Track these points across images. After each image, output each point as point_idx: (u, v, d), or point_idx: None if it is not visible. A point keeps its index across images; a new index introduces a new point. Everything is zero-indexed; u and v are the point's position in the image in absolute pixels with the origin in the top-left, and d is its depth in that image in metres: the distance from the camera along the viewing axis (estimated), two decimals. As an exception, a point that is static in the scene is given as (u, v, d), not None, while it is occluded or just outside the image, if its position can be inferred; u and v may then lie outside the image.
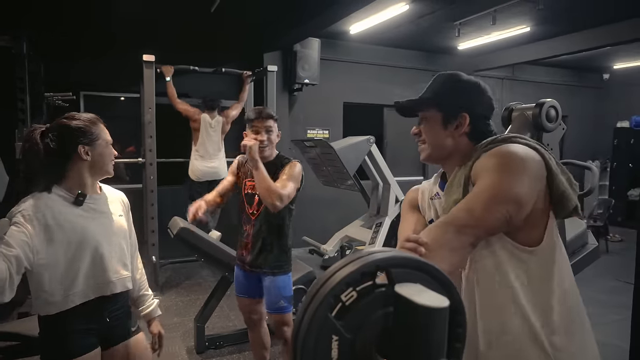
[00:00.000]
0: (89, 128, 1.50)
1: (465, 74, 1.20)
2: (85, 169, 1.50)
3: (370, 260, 0.66)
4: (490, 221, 0.95)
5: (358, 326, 0.65)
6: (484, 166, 1.03)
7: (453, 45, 6.36)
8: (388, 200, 3.72)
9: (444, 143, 1.17)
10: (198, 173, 4.69)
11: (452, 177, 1.15)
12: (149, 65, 4.10)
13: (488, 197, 0.96)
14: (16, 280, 1.27)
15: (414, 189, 1.37)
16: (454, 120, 1.15)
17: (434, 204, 1.25)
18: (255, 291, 2.39)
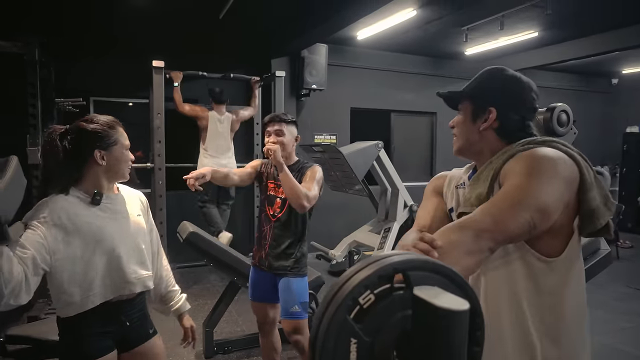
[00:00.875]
0: (106, 132, 1.50)
1: (510, 69, 1.16)
2: (100, 173, 1.51)
3: (387, 263, 0.66)
4: (512, 228, 0.89)
5: (376, 329, 0.65)
6: (513, 168, 0.99)
7: (460, 50, 6.36)
8: (396, 205, 3.71)
9: (471, 137, 1.14)
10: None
11: (481, 170, 1.11)
12: (159, 71, 4.14)
13: (512, 202, 0.91)
14: (32, 282, 1.27)
15: (441, 174, 1.34)
16: (482, 114, 1.12)
17: (457, 193, 1.22)
18: (270, 295, 2.40)
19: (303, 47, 5.37)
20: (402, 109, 6.89)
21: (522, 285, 1.02)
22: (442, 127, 7.18)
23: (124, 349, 1.57)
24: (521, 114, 1.12)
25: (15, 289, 1.20)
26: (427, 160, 7.28)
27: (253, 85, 4.91)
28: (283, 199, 2.31)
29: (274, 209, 2.35)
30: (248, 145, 5.56)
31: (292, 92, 5.71)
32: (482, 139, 1.13)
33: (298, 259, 2.32)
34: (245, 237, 5.59)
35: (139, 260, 1.57)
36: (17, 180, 0.86)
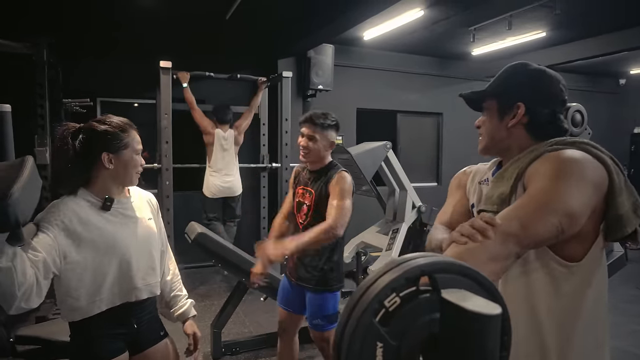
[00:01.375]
0: (117, 135, 1.46)
1: (533, 63, 1.13)
2: (108, 177, 1.47)
3: (414, 266, 0.65)
4: (540, 232, 0.87)
5: (402, 333, 0.63)
6: (539, 170, 0.96)
7: (467, 50, 6.33)
8: (405, 206, 3.69)
9: (499, 135, 1.11)
10: (213, 189, 4.65)
11: (506, 167, 1.08)
12: (166, 72, 4.14)
13: (540, 205, 0.89)
14: (44, 285, 1.26)
15: (466, 169, 1.33)
16: (509, 110, 1.09)
17: (480, 189, 1.19)
18: (297, 306, 2.31)
19: (309, 48, 5.36)
20: (408, 109, 6.87)
21: (540, 290, 1.00)
22: (448, 128, 7.16)
23: (135, 351, 1.56)
24: (551, 107, 1.08)
25: (27, 292, 1.18)
26: (433, 161, 7.26)
27: (260, 86, 4.91)
28: (308, 206, 2.20)
29: (301, 216, 2.24)
30: (255, 146, 5.56)
31: (299, 93, 5.70)
32: (511, 135, 1.10)
33: (325, 272, 2.16)
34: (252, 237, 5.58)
35: (149, 267, 1.55)
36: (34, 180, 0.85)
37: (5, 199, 0.74)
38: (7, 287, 1.12)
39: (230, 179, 4.68)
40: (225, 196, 4.70)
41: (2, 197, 0.74)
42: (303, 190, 2.25)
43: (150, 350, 1.58)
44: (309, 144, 2.16)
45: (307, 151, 2.17)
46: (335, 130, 2.22)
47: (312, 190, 2.20)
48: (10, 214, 0.74)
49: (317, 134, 2.15)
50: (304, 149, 2.18)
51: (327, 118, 2.19)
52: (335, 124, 2.21)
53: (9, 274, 1.10)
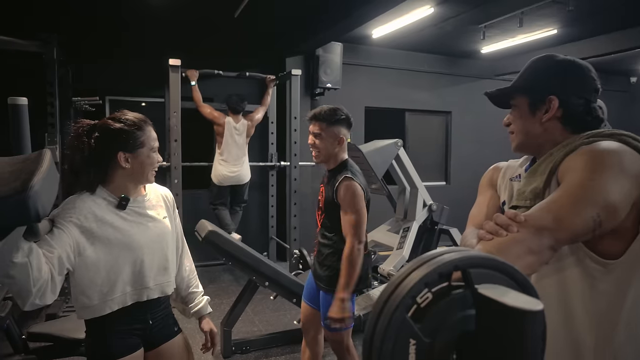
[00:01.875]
0: (132, 133, 1.43)
1: (560, 54, 1.09)
2: (124, 175, 1.45)
3: (447, 260, 0.62)
4: (576, 226, 0.84)
5: (435, 330, 0.61)
6: (574, 164, 0.93)
7: (476, 48, 6.29)
8: (415, 204, 3.66)
9: (533, 130, 1.07)
10: (221, 178, 4.67)
11: (539, 162, 1.04)
12: (175, 69, 4.14)
13: (575, 198, 0.85)
14: (58, 281, 1.24)
15: (496, 166, 1.28)
16: (541, 104, 1.05)
17: (511, 185, 1.15)
18: (313, 299, 2.30)
19: (318, 46, 5.34)
20: (417, 108, 6.83)
21: (575, 288, 0.96)
22: (456, 127, 7.11)
23: (150, 347, 1.55)
24: (585, 97, 1.04)
25: (42, 288, 1.17)
26: (441, 160, 7.21)
27: (268, 84, 4.89)
28: (321, 206, 2.20)
29: (319, 214, 2.22)
30: (263, 144, 5.55)
31: (307, 91, 5.68)
32: (545, 130, 1.06)
33: (334, 274, 2.08)
34: (261, 235, 5.57)
35: (161, 266, 1.53)
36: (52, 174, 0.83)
37: (26, 191, 0.72)
38: (23, 283, 1.11)
39: (238, 169, 4.68)
40: (233, 184, 4.69)
41: (22, 189, 0.72)
42: (322, 189, 2.24)
43: (164, 346, 1.57)
44: (315, 142, 2.10)
45: (317, 150, 2.11)
46: (344, 126, 2.13)
47: (324, 192, 2.19)
48: (30, 207, 0.72)
49: (323, 130, 2.08)
50: (312, 148, 2.13)
51: (335, 113, 2.10)
52: (345, 118, 2.12)
53: (24, 269, 1.09)
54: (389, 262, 3.41)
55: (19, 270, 1.08)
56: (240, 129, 4.66)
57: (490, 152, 7.10)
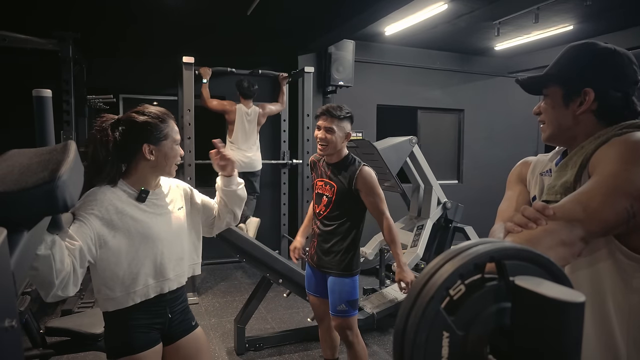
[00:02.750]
0: (156, 126, 1.45)
1: (601, 42, 1.05)
2: (147, 168, 1.47)
3: (483, 251, 0.61)
4: (608, 216, 0.82)
5: (469, 322, 0.60)
6: (606, 155, 0.90)
7: (490, 45, 6.22)
8: (430, 202, 3.63)
9: (565, 122, 1.04)
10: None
11: (570, 156, 1.01)
12: (189, 67, 4.15)
13: (607, 189, 0.84)
14: (80, 274, 1.26)
15: (525, 161, 1.25)
16: (576, 96, 1.02)
17: (542, 180, 1.13)
18: (320, 289, 2.39)
19: (330, 44, 5.32)
20: (429, 106, 6.78)
21: (609, 284, 0.94)
22: (469, 124, 7.05)
23: (168, 341, 1.56)
24: (623, 90, 1.00)
25: (64, 280, 1.18)
26: (453, 159, 7.15)
27: (281, 82, 4.89)
28: (329, 197, 2.27)
29: (321, 207, 2.32)
30: (275, 142, 5.55)
31: (319, 89, 5.67)
32: (578, 123, 1.03)
33: (344, 258, 2.25)
34: (273, 233, 5.58)
35: (179, 257, 1.55)
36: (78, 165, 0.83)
37: (55, 181, 0.72)
38: (46, 275, 1.12)
39: (250, 155, 4.65)
40: (245, 171, 4.69)
41: (50, 179, 0.72)
42: (322, 183, 2.32)
43: (182, 340, 1.58)
44: (327, 136, 2.21)
45: (326, 143, 2.22)
46: (350, 122, 2.28)
47: (333, 184, 2.27)
48: (59, 197, 0.72)
49: (335, 125, 2.21)
50: (322, 141, 2.23)
51: (342, 110, 2.27)
52: (350, 115, 2.29)
53: (47, 261, 1.10)
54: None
55: (42, 262, 1.09)
56: (251, 115, 4.61)
57: (503, 151, 7.05)
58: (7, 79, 4.57)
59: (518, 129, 7.11)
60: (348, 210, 2.25)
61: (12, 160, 0.80)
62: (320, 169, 2.36)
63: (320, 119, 2.25)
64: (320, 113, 2.26)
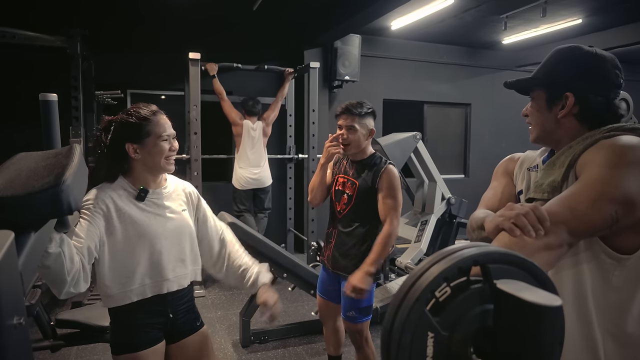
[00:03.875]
0: (137, 125, 1.45)
1: (585, 46, 1.06)
2: (140, 166, 1.49)
3: (467, 255, 0.63)
4: (595, 221, 0.84)
5: (453, 323, 0.62)
6: (593, 158, 0.92)
7: (497, 39, 6.18)
8: (434, 197, 3.65)
9: (549, 126, 1.07)
10: (242, 181, 4.66)
11: (558, 155, 1.03)
12: (195, 63, 4.18)
13: (593, 193, 0.85)
14: (89, 270, 1.30)
15: (512, 156, 1.27)
16: (558, 100, 1.04)
17: (529, 175, 1.15)
18: (334, 296, 2.31)
19: (336, 38, 5.32)
20: (436, 100, 6.76)
21: (589, 282, 0.96)
22: (476, 119, 7.02)
23: (171, 340, 1.58)
24: (604, 94, 1.02)
25: (75, 277, 1.22)
26: (460, 153, 7.13)
27: (287, 77, 4.90)
28: (350, 195, 2.18)
29: (341, 205, 2.21)
30: (281, 137, 5.58)
31: (325, 84, 5.68)
32: (561, 126, 1.06)
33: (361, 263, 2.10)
34: (279, 227, 5.62)
35: (179, 258, 1.54)
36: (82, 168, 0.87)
37: (59, 185, 0.75)
38: (58, 272, 1.16)
39: (259, 171, 4.68)
40: (255, 188, 4.71)
41: (55, 184, 0.75)
42: (344, 179, 2.22)
43: (186, 340, 1.59)
44: (349, 136, 2.13)
45: (348, 143, 2.14)
46: (373, 118, 2.20)
47: (355, 181, 2.18)
48: (63, 200, 0.76)
49: (356, 123, 2.12)
50: (344, 141, 2.14)
51: (364, 106, 2.16)
52: (372, 111, 2.20)
53: (58, 259, 1.14)
54: (407, 255, 3.42)
55: (53, 260, 1.13)
56: (256, 129, 4.66)
57: (510, 145, 7.00)
58: (17, 76, 4.63)
59: (525, 123, 7.04)
60: (369, 211, 2.14)
61: (19, 164, 0.84)
62: (344, 165, 2.27)
63: (341, 118, 2.16)
64: (340, 112, 2.16)
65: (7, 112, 4.59)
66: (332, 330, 2.44)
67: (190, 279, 1.62)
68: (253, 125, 4.65)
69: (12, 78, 4.62)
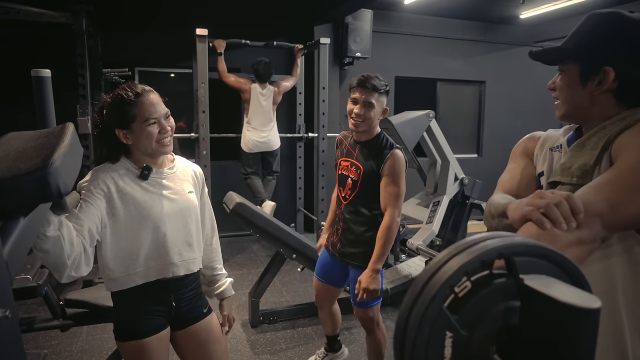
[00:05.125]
0: (122, 110, 1.37)
1: (627, 12, 0.93)
2: (135, 150, 1.43)
3: (490, 247, 0.57)
4: (633, 213, 0.78)
5: (474, 322, 0.56)
6: (631, 143, 0.84)
7: (515, 14, 5.96)
8: (447, 178, 3.56)
9: (581, 102, 0.96)
10: (250, 144, 4.63)
11: (588, 135, 0.95)
12: (202, 39, 4.09)
13: (632, 184, 0.78)
14: (91, 253, 1.26)
15: (532, 135, 1.17)
16: (594, 75, 0.93)
17: (551, 156, 1.06)
18: (336, 280, 2.27)
19: (347, 13, 5.17)
20: (449, 77, 6.59)
21: (620, 276, 0.90)
22: (490, 97, 6.85)
23: (177, 327, 1.55)
24: None
25: (76, 260, 1.19)
26: (473, 132, 6.99)
27: (296, 54, 4.79)
28: (354, 180, 2.06)
29: (346, 190, 2.10)
30: (290, 116, 5.49)
31: (336, 60, 5.55)
32: (595, 104, 0.95)
33: (371, 250, 2.01)
34: (289, 206, 5.60)
35: (185, 241, 1.49)
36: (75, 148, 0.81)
37: (46, 168, 0.70)
38: (57, 256, 1.13)
39: (266, 134, 4.64)
40: (263, 151, 4.67)
41: (42, 166, 0.70)
42: (348, 163, 2.10)
43: (192, 327, 1.56)
44: (365, 112, 1.96)
45: (362, 120, 1.97)
46: (387, 96, 2.04)
47: (359, 165, 2.05)
48: (51, 184, 0.71)
49: (374, 99, 1.95)
50: (357, 117, 1.97)
51: (381, 81, 1.99)
52: (389, 89, 2.05)
53: (57, 242, 1.10)
54: (418, 236, 3.36)
55: (52, 243, 1.09)
56: (266, 94, 4.58)
57: (526, 124, 6.84)
58: (22, 54, 4.58)
59: (542, 100, 6.87)
60: (376, 196, 2.03)
61: (8, 144, 0.79)
62: (347, 147, 2.13)
63: (357, 91, 1.96)
64: (358, 84, 1.96)
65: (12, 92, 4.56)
66: (329, 313, 2.42)
67: (200, 265, 1.58)
68: (262, 90, 4.56)
69: (17, 56, 4.57)
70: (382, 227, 1.98)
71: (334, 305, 2.42)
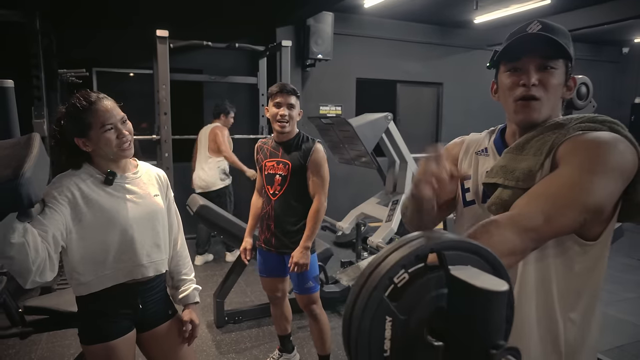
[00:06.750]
0: (78, 119, 1.38)
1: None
2: (97, 156, 1.45)
3: (424, 243, 0.66)
4: (563, 227, 0.82)
5: (411, 307, 0.65)
6: (572, 154, 0.87)
7: (469, 19, 6.22)
8: (405, 177, 3.70)
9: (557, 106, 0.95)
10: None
11: (526, 139, 0.95)
12: (163, 41, 4.05)
13: (567, 200, 0.82)
14: (55, 259, 1.27)
15: (457, 140, 1.19)
16: (568, 78, 0.94)
17: (477, 160, 1.08)
18: (278, 270, 2.43)
19: (309, 16, 5.25)
20: (409, 79, 6.79)
21: (555, 272, 0.97)
22: (448, 98, 7.10)
23: (142, 329, 1.57)
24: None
25: (40, 266, 1.20)
26: (432, 132, 7.23)
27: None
28: (283, 176, 2.27)
29: (274, 187, 2.31)
30: (253, 117, 5.51)
31: (298, 62, 5.62)
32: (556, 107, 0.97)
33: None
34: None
35: (153, 243, 1.52)
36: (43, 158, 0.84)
37: (18, 179, 0.73)
38: (22, 262, 1.14)
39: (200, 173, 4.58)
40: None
41: (14, 177, 0.74)
42: (273, 162, 2.31)
43: (157, 329, 1.58)
44: (289, 113, 2.23)
45: (287, 120, 2.23)
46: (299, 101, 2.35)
47: (287, 162, 2.27)
48: (23, 194, 0.74)
49: (293, 101, 2.25)
50: (283, 118, 2.23)
51: (294, 87, 2.30)
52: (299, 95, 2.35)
53: (22, 249, 1.11)
54: (378, 234, 3.48)
55: (17, 250, 1.10)
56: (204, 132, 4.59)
57: (481, 124, 7.07)
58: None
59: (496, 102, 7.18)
60: (304, 187, 2.27)
61: (-26, 155, 0.81)
62: (269, 150, 2.35)
63: (279, 96, 2.23)
64: (279, 90, 2.25)
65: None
66: (280, 308, 2.58)
67: (167, 266, 1.60)
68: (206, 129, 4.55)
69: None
70: (312, 210, 2.25)
71: (285, 299, 2.58)
